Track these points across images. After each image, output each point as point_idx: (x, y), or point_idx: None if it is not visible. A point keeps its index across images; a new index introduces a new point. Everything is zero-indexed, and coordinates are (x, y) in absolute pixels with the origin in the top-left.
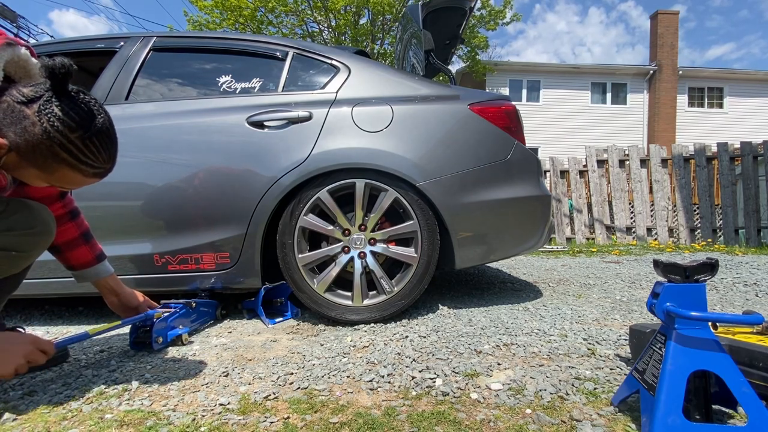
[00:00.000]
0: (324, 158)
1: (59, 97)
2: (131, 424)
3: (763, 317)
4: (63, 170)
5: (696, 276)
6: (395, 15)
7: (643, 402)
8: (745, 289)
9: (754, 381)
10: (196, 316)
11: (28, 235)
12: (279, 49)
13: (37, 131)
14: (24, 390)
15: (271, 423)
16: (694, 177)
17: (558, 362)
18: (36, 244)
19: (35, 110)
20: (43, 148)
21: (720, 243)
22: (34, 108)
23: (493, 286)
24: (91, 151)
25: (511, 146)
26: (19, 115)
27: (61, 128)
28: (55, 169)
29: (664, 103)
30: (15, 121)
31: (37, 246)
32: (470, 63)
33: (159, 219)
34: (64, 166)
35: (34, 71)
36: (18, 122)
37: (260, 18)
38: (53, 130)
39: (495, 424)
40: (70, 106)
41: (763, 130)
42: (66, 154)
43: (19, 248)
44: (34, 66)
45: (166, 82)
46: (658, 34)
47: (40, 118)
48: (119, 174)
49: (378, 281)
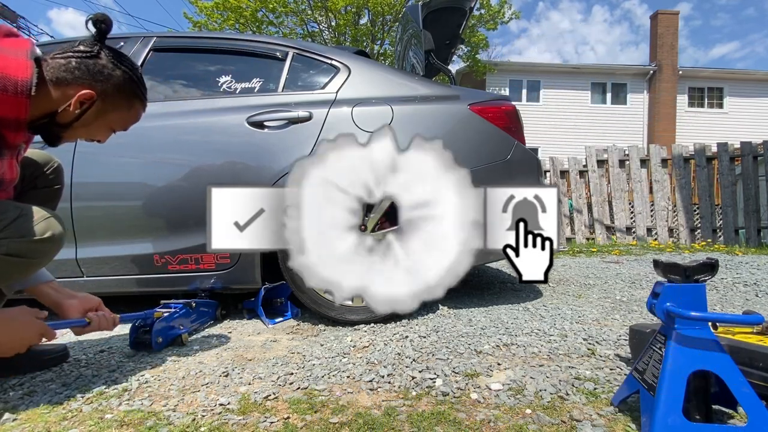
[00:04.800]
0: None
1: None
2: (131, 424)
3: (763, 317)
4: (137, 106)
5: (696, 276)
6: (395, 15)
7: (643, 402)
8: (745, 289)
9: (754, 381)
10: (196, 316)
11: (39, 242)
12: (279, 49)
13: (119, 74)
14: (24, 390)
15: (271, 423)
16: (694, 177)
17: (558, 362)
18: (47, 251)
19: (107, 59)
20: (128, 87)
21: (720, 243)
22: (104, 58)
23: (493, 286)
24: (144, 85)
25: (511, 146)
26: (97, 66)
27: (132, 68)
28: (133, 106)
29: (664, 103)
30: (96, 72)
31: (49, 253)
32: (470, 63)
33: (159, 219)
34: (138, 102)
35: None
36: (99, 72)
37: (261, 18)
38: (129, 70)
39: (495, 424)
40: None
41: (763, 130)
42: (141, 89)
43: (30, 255)
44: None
45: (166, 82)
46: (658, 34)
47: (115, 64)
48: (119, 174)
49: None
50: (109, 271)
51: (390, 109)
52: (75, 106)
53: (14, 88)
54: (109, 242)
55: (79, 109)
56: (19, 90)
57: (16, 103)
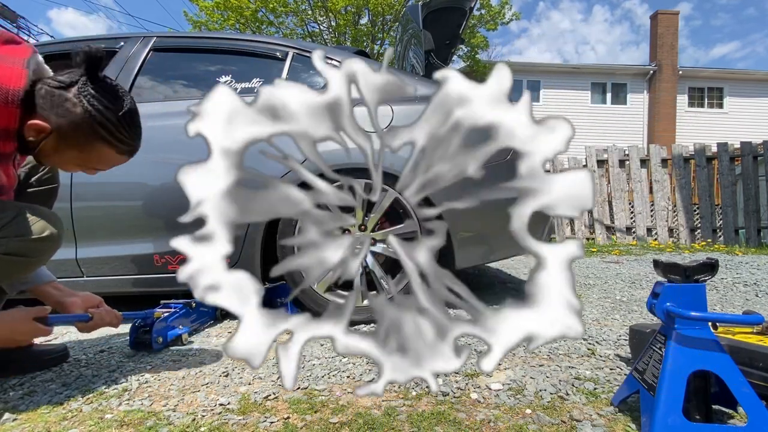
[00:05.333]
0: (324, 158)
1: (93, 81)
2: (131, 424)
3: (763, 317)
4: (100, 148)
5: (696, 276)
6: (395, 15)
7: (643, 402)
8: (745, 289)
9: (754, 381)
10: (196, 316)
11: (38, 241)
12: (279, 49)
13: (79, 111)
14: (24, 390)
15: (271, 423)
16: (694, 177)
17: (558, 362)
18: (45, 249)
19: (75, 93)
20: (84, 126)
21: (720, 243)
22: (74, 91)
23: (493, 286)
24: (125, 129)
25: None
26: (60, 98)
27: (101, 107)
28: (93, 148)
29: (664, 103)
30: (56, 104)
31: (47, 252)
32: (470, 63)
33: (159, 219)
34: (102, 143)
35: (46, 74)
36: (60, 105)
37: (261, 18)
38: (93, 109)
39: (495, 424)
40: (104, 88)
41: (763, 130)
42: (105, 131)
43: (29, 253)
44: (47, 70)
45: (166, 82)
46: (658, 34)
47: (80, 100)
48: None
49: (378, 281)
50: (109, 271)
51: (390, 109)
52: (29, 134)
53: (5, 97)
54: (109, 242)
55: (34, 138)
56: (9, 99)
57: (6, 112)
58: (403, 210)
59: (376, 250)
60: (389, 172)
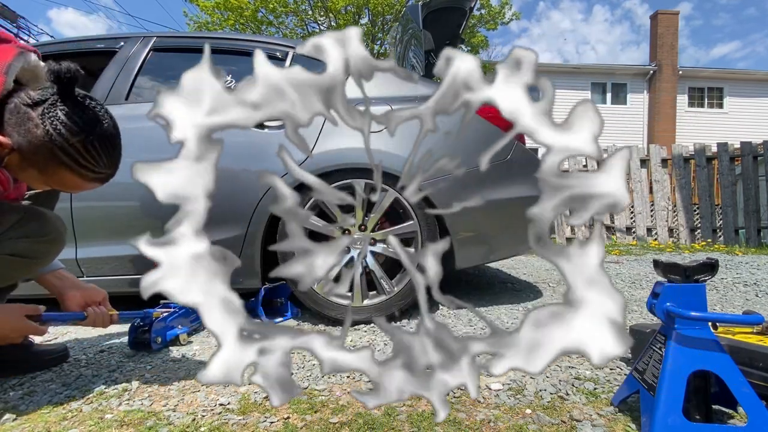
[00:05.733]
0: (324, 158)
1: (64, 101)
2: (131, 424)
3: (763, 317)
4: (62, 173)
5: (696, 276)
6: (395, 15)
7: (643, 402)
8: (745, 289)
9: (754, 381)
10: (196, 316)
11: (41, 243)
12: (279, 49)
13: (39, 133)
14: (24, 390)
15: (271, 423)
16: (694, 177)
17: (558, 362)
18: (48, 251)
19: (39, 113)
20: (44, 149)
21: (720, 243)
22: (39, 111)
23: (493, 286)
24: (92, 156)
25: (511, 146)
26: (24, 117)
27: (63, 131)
28: (54, 172)
29: (664, 103)
30: (20, 122)
31: (50, 253)
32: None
33: (158, 219)
34: (63, 168)
35: (42, 75)
36: (22, 123)
37: (261, 18)
38: (55, 132)
39: (495, 424)
40: (74, 111)
41: (763, 130)
42: (66, 157)
43: (33, 255)
44: (42, 70)
45: (166, 82)
46: (658, 34)
47: (43, 121)
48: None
49: (378, 281)
50: (109, 271)
51: (390, 108)
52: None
53: None
54: (109, 242)
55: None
56: None
57: None
58: (402, 210)
59: (376, 250)
60: (389, 173)
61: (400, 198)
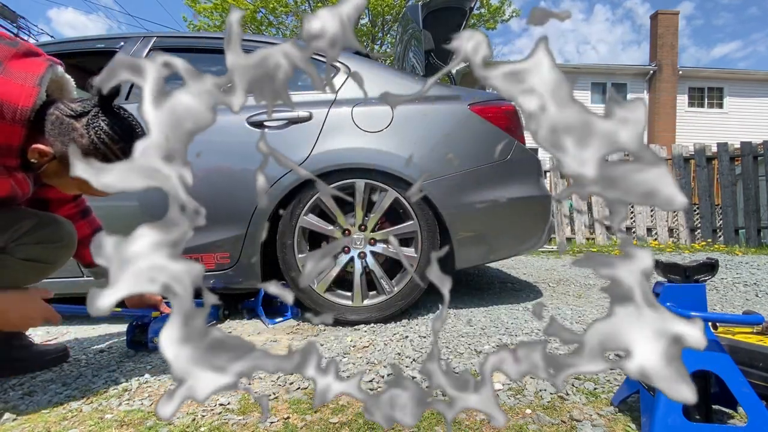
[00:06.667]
0: (324, 158)
1: (105, 113)
2: (131, 424)
3: (763, 317)
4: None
5: (696, 276)
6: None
7: (643, 402)
8: (745, 289)
9: (754, 381)
10: None
11: (55, 248)
12: None
13: (85, 142)
14: (24, 390)
15: (271, 423)
16: (694, 177)
17: None
18: (61, 256)
19: (84, 123)
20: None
21: (720, 243)
22: (83, 121)
23: (493, 286)
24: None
25: (511, 146)
26: (69, 127)
27: (106, 140)
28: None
29: (664, 103)
30: (63, 133)
31: (62, 258)
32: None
33: (158, 219)
34: None
35: (68, 87)
36: (66, 134)
37: (261, 19)
38: (99, 141)
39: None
40: (114, 121)
41: (763, 130)
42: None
43: (46, 260)
44: (69, 82)
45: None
46: (658, 34)
47: (88, 131)
48: None
49: (378, 281)
50: None
51: (390, 108)
52: (32, 155)
53: (12, 115)
54: None
55: (37, 160)
56: (16, 118)
57: (10, 130)
58: (403, 210)
59: (376, 250)
60: (389, 172)
61: (400, 198)
